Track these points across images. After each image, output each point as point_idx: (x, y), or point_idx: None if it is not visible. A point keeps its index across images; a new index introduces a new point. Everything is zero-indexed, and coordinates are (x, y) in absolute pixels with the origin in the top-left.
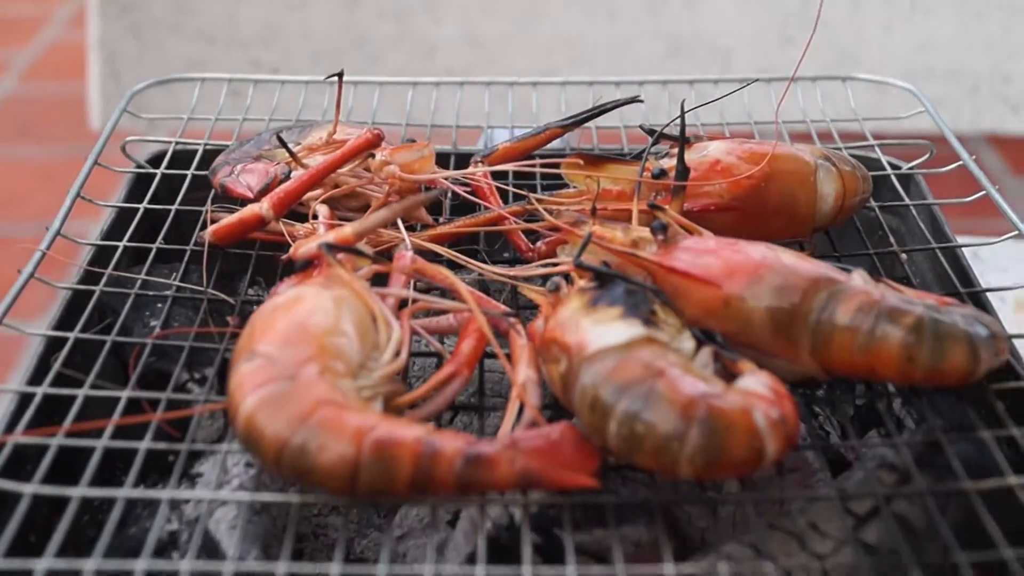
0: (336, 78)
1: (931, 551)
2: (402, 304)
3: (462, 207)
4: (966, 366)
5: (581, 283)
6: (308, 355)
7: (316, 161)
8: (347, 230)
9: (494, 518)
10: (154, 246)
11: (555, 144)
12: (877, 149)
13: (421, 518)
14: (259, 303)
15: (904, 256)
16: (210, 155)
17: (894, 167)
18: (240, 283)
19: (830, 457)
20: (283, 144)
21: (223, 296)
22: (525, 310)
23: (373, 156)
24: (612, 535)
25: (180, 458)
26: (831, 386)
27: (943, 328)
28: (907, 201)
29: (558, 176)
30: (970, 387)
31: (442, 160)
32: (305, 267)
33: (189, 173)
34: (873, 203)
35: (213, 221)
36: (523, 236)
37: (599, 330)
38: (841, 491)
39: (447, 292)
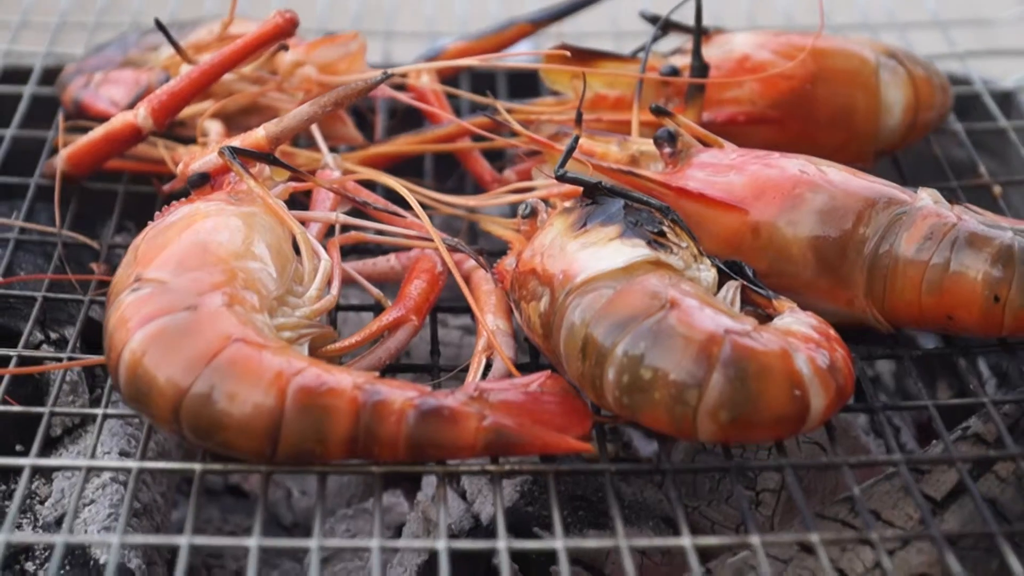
0: None
1: None
2: (329, 236)
3: (400, 128)
4: None
5: (566, 204)
6: (212, 282)
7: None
8: (258, 132)
9: (454, 521)
10: None
11: (522, 48)
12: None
13: (352, 532)
14: None
15: (998, 189)
16: (53, 69)
17: (988, 83)
18: (104, 228)
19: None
20: (164, 31)
21: (84, 239)
22: (489, 258)
23: (286, 49)
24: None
25: (42, 426)
26: (895, 338)
27: None
28: (1003, 123)
29: (532, 84)
30: None
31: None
32: (201, 183)
33: (27, 90)
34: (958, 125)
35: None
36: (485, 161)
37: (590, 253)
38: (911, 460)
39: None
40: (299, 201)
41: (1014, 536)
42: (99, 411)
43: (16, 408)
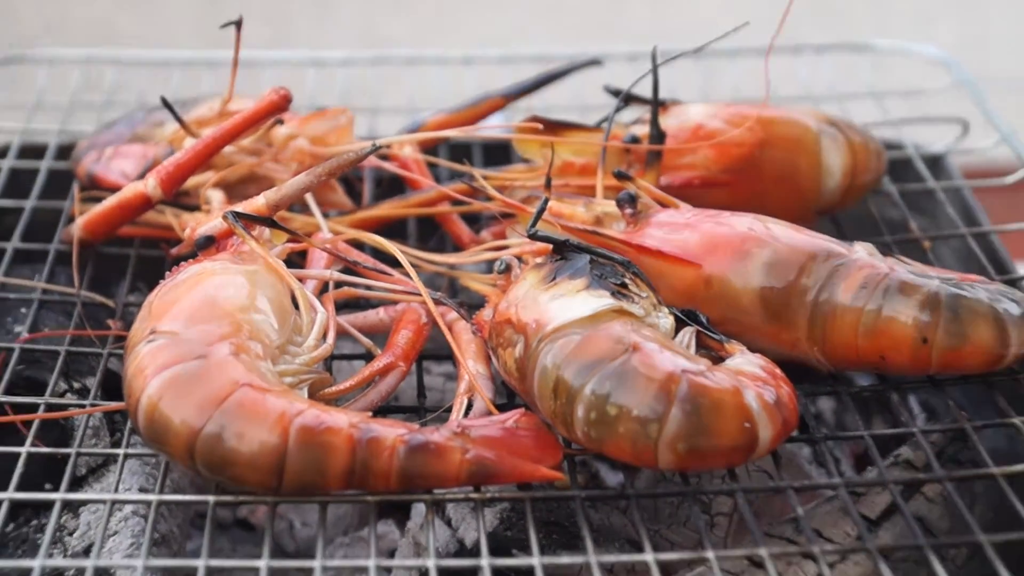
0: (234, 27)
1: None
2: (323, 292)
3: (386, 194)
4: (992, 348)
5: (537, 260)
6: (220, 333)
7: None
8: (259, 200)
9: (441, 545)
10: (10, 245)
11: (494, 120)
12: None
13: (349, 559)
14: None
15: (928, 244)
16: (67, 145)
17: (919, 148)
18: (118, 289)
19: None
20: (169, 108)
21: (101, 298)
22: (469, 310)
23: (281, 123)
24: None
25: (69, 465)
26: (835, 377)
27: (964, 303)
28: (932, 184)
29: (505, 153)
30: (1000, 375)
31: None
32: (207, 245)
33: (43, 165)
34: (891, 186)
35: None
36: (463, 223)
37: (560, 304)
38: (849, 483)
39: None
40: (296, 262)
41: (941, 549)
42: (120, 451)
43: (45, 450)
